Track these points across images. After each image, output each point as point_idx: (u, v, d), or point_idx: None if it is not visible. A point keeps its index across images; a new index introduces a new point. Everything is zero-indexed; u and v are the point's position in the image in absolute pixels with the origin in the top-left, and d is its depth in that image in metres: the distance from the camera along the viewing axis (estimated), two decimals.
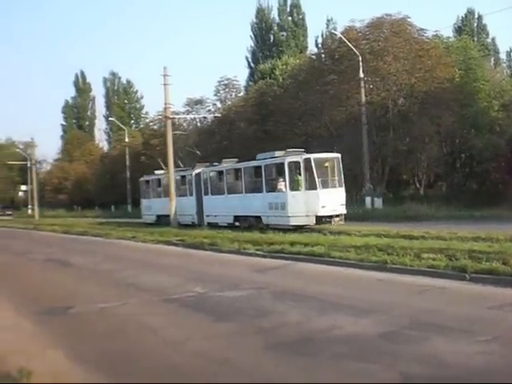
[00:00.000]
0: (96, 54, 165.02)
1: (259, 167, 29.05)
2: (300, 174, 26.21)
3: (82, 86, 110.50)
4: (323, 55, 47.55)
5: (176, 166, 40.91)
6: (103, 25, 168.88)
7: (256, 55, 74.55)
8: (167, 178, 37.84)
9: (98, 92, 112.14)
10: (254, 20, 75.84)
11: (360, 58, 36.38)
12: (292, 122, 46.41)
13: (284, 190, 26.90)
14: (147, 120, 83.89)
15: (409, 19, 40.22)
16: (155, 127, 67.40)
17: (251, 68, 74.03)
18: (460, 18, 71.18)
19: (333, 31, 51.03)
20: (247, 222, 29.24)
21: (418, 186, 47.31)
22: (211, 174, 34.04)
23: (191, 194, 35.10)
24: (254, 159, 30.19)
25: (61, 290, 13.66)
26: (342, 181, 27.27)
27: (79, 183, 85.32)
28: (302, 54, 61.51)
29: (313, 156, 26.30)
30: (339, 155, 27.85)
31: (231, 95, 58.75)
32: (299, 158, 26.48)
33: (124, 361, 7.47)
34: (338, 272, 13.84)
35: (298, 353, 7.34)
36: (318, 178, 25.68)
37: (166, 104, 35.72)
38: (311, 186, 25.87)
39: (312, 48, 67.18)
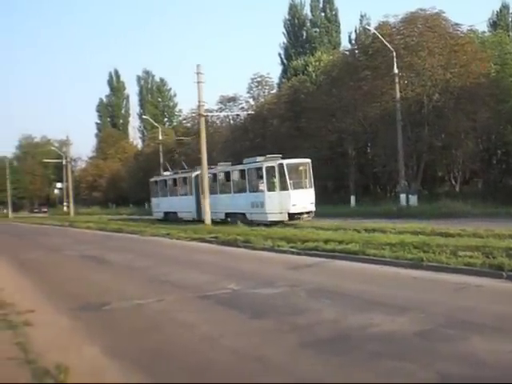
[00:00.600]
0: (129, 53, 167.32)
1: (243, 170, 33.31)
2: (275, 177, 30.09)
3: (115, 85, 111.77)
4: (357, 51, 47.38)
5: (180, 167, 45.09)
6: (136, 24, 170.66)
7: (289, 52, 74.43)
8: (172, 178, 43.79)
9: (132, 90, 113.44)
10: (287, 16, 75.87)
11: (394, 54, 36.12)
12: (325, 118, 46.25)
13: (264, 189, 30.76)
14: (180, 118, 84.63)
15: (443, 14, 39.86)
16: (188, 125, 67.93)
17: (284, 65, 74.01)
18: (495, 12, 70.07)
19: (366, 27, 50.86)
20: (236, 218, 32.09)
21: (453, 182, 46.83)
22: (207, 176, 36.59)
23: (191, 194, 39.67)
24: (241, 163, 34.14)
25: (97, 287, 13.78)
26: (312, 182, 30.99)
27: (113, 181, 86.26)
28: (336, 50, 61.35)
29: (285, 161, 30.23)
30: (309, 160, 31.47)
31: (264, 92, 58.82)
32: (274, 163, 30.52)
33: (160, 357, 7.51)
34: (373, 270, 13.72)
35: (334, 351, 7.29)
36: (290, 180, 29.65)
37: (199, 102, 35.77)
38: (284, 187, 29.72)
39: (345, 44, 67.30)
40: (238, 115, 58.96)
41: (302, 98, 50.78)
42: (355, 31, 69.72)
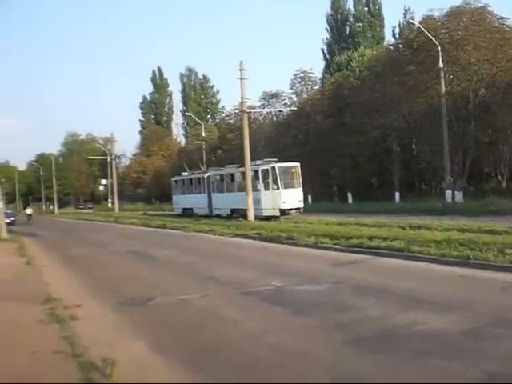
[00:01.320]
0: (172, 51, 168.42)
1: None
2: (269, 178, 35.37)
3: (159, 82, 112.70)
4: (401, 45, 46.74)
5: (198, 168, 52.51)
6: (179, 21, 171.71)
7: (332, 47, 73.77)
8: (189, 178, 50.01)
9: (175, 88, 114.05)
10: (330, 11, 75.11)
11: (439, 48, 35.55)
12: (369, 114, 45.91)
13: (261, 189, 36.05)
14: (223, 114, 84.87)
15: (489, 8, 39.20)
16: (231, 121, 68.09)
17: (327, 60, 73.41)
18: None
19: (410, 21, 50.16)
20: (239, 213, 37.01)
21: (500, 179, 45.89)
22: (216, 176, 44.15)
23: (204, 192, 45.33)
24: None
25: (141, 282, 13.95)
26: (300, 183, 35.96)
27: (157, 177, 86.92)
28: (379, 45, 60.70)
29: (277, 165, 35.35)
30: (298, 164, 36.06)
31: (307, 88, 58.50)
32: (268, 166, 35.74)
33: (204, 352, 7.55)
34: (419, 267, 13.53)
35: (379, 348, 7.21)
36: (281, 181, 34.78)
37: (242, 98, 35.90)
38: (276, 187, 34.90)
39: (389, 38, 66.19)
40: (280, 111, 58.89)
41: (346, 94, 50.44)
42: (399, 25, 68.77)
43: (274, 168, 35.09)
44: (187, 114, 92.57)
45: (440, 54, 35.56)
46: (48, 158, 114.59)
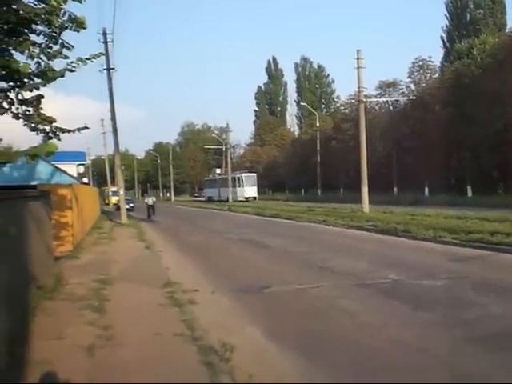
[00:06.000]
0: (287, 40, 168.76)
1: (233, 177, 74.98)
2: (240, 181, 75.47)
3: (273, 73, 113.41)
4: None
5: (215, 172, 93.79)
6: (293, 11, 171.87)
7: (451, 35, 71.50)
8: (209, 179, 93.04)
9: (290, 78, 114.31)
10: None
11: None
12: (491, 104, 43.91)
13: (236, 186, 74.38)
14: (338, 104, 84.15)
15: None
16: (346, 111, 67.40)
17: (446, 48, 71.27)
18: None
19: None
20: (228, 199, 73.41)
21: None
22: (221, 179, 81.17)
23: (216, 187, 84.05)
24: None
25: (256, 270, 14.15)
26: (256, 184, 75.82)
27: (270, 167, 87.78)
28: (501, 32, 58.00)
29: (243, 174, 76.40)
30: (255, 173, 77.09)
31: (425, 77, 57.01)
32: (240, 175, 76.10)
33: (319, 342, 7.54)
34: None
35: (501, 348, 6.91)
36: (245, 182, 75.26)
37: (358, 87, 35.40)
38: (242, 185, 75.02)
39: (511, 25, 63.19)
40: (397, 101, 57.78)
41: (467, 83, 48.58)
42: None
43: (241, 176, 74.74)
44: (302, 103, 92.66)
45: None
46: (165, 146, 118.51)
